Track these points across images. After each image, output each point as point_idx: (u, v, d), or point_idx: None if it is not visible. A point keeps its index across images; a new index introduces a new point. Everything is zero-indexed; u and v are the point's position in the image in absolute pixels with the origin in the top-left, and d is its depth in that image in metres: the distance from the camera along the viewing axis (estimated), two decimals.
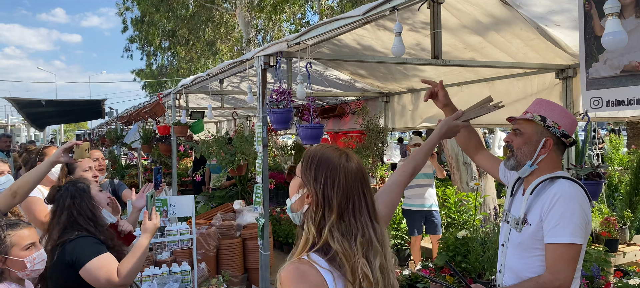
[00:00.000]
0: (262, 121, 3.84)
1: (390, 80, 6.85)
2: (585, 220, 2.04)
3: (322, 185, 1.60)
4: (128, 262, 2.69)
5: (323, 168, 1.62)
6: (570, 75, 4.90)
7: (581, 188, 2.11)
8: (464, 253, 3.57)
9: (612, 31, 1.90)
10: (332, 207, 1.58)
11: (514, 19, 4.37)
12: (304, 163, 1.66)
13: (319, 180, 1.60)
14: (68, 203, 2.73)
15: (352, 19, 2.82)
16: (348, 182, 1.61)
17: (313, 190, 1.60)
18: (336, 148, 1.69)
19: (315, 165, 1.63)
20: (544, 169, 2.24)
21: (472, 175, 7.80)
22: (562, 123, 2.26)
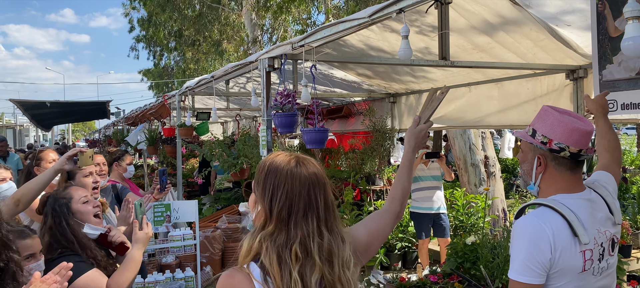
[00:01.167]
0: (266, 124, 3.77)
1: (397, 81, 6.77)
2: (538, 257, 1.78)
3: (269, 196, 1.57)
4: (119, 276, 2.61)
5: (270, 178, 1.59)
6: (581, 76, 4.80)
7: (553, 218, 1.84)
8: (473, 260, 3.48)
9: (633, 36, 1.81)
10: (272, 216, 1.55)
11: (524, 19, 4.28)
12: (256, 176, 1.64)
13: (267, 192, 1.58)
14: (50, 223, 2.65)
15: (357, 21, 2.75)
16: (294, 189, 1.56)
17: (262, 202, 1.58)
18: (287, 155, 1.65)
19: (264, 177, 1.60)
20: (545, 190, 2.00)
21: (480, 176, 7.70)
22: (554, 135, 1.95)
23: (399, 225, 6.74)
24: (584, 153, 1.93)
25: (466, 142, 7.85)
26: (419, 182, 6.01)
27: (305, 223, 1.54)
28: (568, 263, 1.80)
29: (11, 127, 36.77)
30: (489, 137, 8.21)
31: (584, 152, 1.93)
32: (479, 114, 6.14)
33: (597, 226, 1.91)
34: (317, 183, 1.59)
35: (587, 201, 1.95)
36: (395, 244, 6.60)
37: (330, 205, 1.61)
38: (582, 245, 1.81)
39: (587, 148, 1.94)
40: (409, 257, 6.75)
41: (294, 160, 1.61)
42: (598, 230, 1.91)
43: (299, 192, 1.55)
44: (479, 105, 6.09)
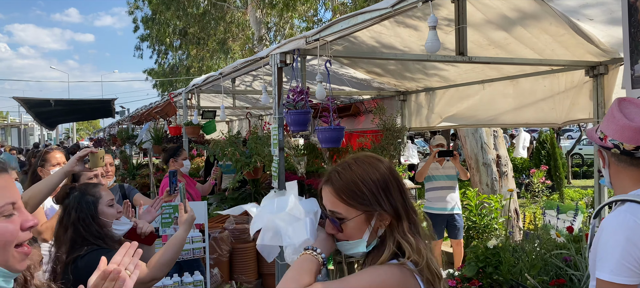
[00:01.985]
0: (278, 122, 3.63)
1: (408, 78, 6.61)
2: (636, 255, 1.70)
3: (386, 199, 1.53)
4: (160, 253, 2.59)
5: (380, 184, 1.54)
6: (602, 72, 4.64)
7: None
8: (495, 264, 3.34)
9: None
10: (400, 214, 1.54)
11: (543, 13, 4.12)
12: (357, 194, 1.54)
13: (382, 199, 1.53)
14: (74, 218, 2.55)
15: (379, 11, 2.60)
16: (399, 182, 1.59)
17: (387, 209, 1.53)
18: (365, 157, 1.61)
19: (371, 187, 1.54)
20: (616, 186, 1.95)
21: (492, 176, 7.54)
22: (609, 131, 1.89)
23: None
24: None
25: (478, 141, 7.69)
26: (433, 181, 5.85)
27: (413, 209, 1.59)
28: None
29: (16, 126, 36.78)
30: (500, 135, 8.05)
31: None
32: (492, 112, 5.98)
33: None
34: (389, 164, 1.64)
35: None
36: None
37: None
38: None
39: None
40: None
41: (374, 159, 1.60)
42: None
43: (400, 181, 1.59)
44: (493, 103, 5.93)
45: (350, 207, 1.53)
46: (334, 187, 1.55)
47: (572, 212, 4.51)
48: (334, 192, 1.55)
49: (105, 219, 2.62)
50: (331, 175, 1.57)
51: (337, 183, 1.54)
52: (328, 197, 1.56)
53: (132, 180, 10.43)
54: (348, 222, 1.53)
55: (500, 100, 5.84)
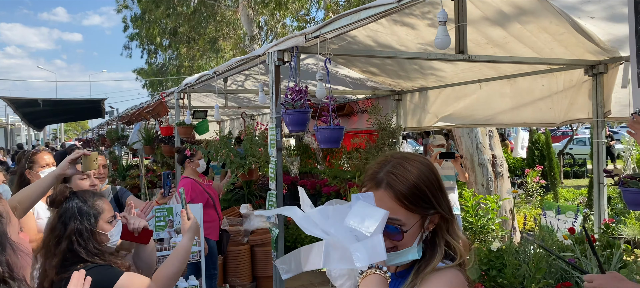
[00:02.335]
0: (275, 122, 3.54)
1: (404, 78, 6.54)
2: None
3: (444, 200, 1.46)
4: (166, 266, 2.41)
5: (437, 184, 1.46)
6: (601, 71, 4.60)
7: None
8: (499, 267, 3.27)
9: None
10: (446, 214, 1.46)
11: (543, 10, 4.06)
12: (420, 197, 1.42)
13: (442, 198, 1.46)
14: (70, 230, 2.31)
15: (383, 7, 2.51)
16: (439, 178, 1.49)
17: (444, 209, 1.45)
18: (408, 155, 1.49)
19: (432, 188, 1.44)
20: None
21: (488, 176, 7.50)
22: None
23: None
24: None
25: (473, 141, 7.65)
26: None
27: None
28: None
29: (2, 127, 36.23)
30: (496, 135, 8.02)
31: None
32: (490, 111, 5.92)
33: None
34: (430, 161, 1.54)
35: None
36: None
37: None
38: None
39: None
40: None
41: (411, 157, 1.48)
42: None
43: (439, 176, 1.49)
44: (490, 102, 5.87)
45: (411, 213, 1.40)
46: (394, 191, 1.39)
47: (572, 212, 4.47)
48: (394, 196, 1.38)
49: (104, 235, 2.40)
50: (387, 178, 1.40)
51: (398, 186, 1.39)
52: (386, 203, 1.38)
53: (122, 182, 10.27)
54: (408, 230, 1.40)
55: (498, 100, 5.78)
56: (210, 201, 5.12)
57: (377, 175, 1.42)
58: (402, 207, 1.38)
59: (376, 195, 1.38)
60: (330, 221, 1.31)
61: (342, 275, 1.43)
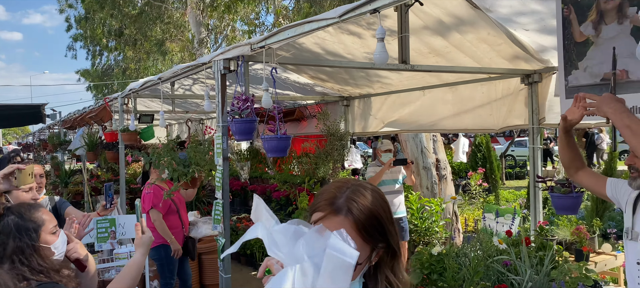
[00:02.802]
0: (222, 131, 3.53)
1: (352, 84, 6.66)
2: None
3: (395, 234, 1.37)
4: (117, 281, 2.28)
5: (390, 215, 1.38)
6: (536, 80, 4.84)
7: None
8: (440, 271, 3.39)
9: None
10: (394, 248, 1.37)
11: (481, 21, 4.24)
12: (376, 228, 1.33)
13: (393, 231, 1.37)
14: (11, 250, 2.13)
15: (326, 21, 2.57)
16: (390, 209, 1.42)
17: (394, 242, 1.36)
18: (362, 183, 1.40)
19: (387, 219, 1.36)
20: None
21: (432, 179, 7.72)
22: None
23: None
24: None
25: (418, 146, 7.86)
26: (381, 185, 5.91)
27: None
28: None
29: None
30: (440, 140, 8.26)
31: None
32: (433, 117, 6.11)
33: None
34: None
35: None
36: None
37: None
38: None
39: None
40: None
41: (366, 185, 1.39)
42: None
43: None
44: (434, 109, 6.06)
45: (366, 244, 1.31)
46: (354, 219, 1.29)
47: (510, 215, 4.68)
48: (354, 225, 1.29)
49: (48, 249, 2.22)
50: (348, 204, 1.30)
51: (358, 214, 1.29)
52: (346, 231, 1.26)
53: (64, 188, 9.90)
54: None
55: (441, 106, 5.97)
56: (174, 207, 5.06)
57: (337, 201, 1.32)
58: (359, 237, 1.29)
59: (335, 222, 1.29)
60: (297, 249, 1.19)
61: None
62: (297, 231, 1.21)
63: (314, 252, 1.16)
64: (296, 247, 1.18)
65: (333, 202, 1.31)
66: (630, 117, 2.04)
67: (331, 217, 1.30)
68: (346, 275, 1.15)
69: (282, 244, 1.19)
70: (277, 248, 1.19)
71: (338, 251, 1.15)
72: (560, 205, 2.97)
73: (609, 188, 2.49)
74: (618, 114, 2.02)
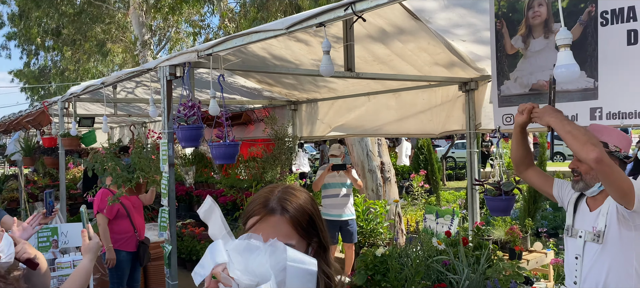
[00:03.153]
0: (168, 137, 3.52)
1: (299, 89, 6.75)
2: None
3: (322, 229, 1.44)
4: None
5: (319, 213, 1.45)
6: (473, 88, 5.09)
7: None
8: (383, 272, 3.53)
9: (565, 63, 1.89)
10: (325, 244, 1.44)
11: (420, 31, 4.44)
12: (310, 224, 1.40)
13: (322, 227, 1.44)
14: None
15: (273, 32, 2.64)
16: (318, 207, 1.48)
17: (324, 238, 1.44)
18: (292, 185, 1.48)
19: (317, 215, 1.43)
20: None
21: (377, 182, 7.92)
22: (622, 145, 2.40)
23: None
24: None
25: (364, 149, 8.04)
26: (329, 189, 6.02)
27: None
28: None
29: None
30: (384, 144, 8.49)
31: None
32: (378, 122, 6.30)
33: None
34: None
35: None
36: None
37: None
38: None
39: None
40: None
41: (295, 186, 1.48)
42: None
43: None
44: (378, 114, 6.24)
45: (302, 239, 1.37)
46: (290, 216, 1.36)
47: (449, 216, 4.90)
48: (290, 221, 1.35)
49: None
50: (282, 203, 1.37)
51: (293, 211, 1.36)
52: (282, 228, 1.35)
53: None
54: None
55: (384, 112, 6.17)
56: (123, 211, 4.92)
57: (270, 202, 1.38)
58: (296, 233, 1.36)
59: (272, 222, 1.34)
60: (251, 265, 1.20)
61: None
62: (249, 246, 1.22)
63: (274, 269, 1.18)
64: (251, 263, 1.19)
65: (267, 204, 1.37)
66: (571, 124, 2.23)
67: (267, 218, 1.35)
68: (311, 283, 1.19)
69: (237, 262, 1.20)
70: (231, 261, 1.20)
71: (299, 262, 1.19)
72: (494, 208, 3.16)
73: (555, 188, 2.69)
74: (560, 123, 2.20)
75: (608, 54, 2.82)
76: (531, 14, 3.13)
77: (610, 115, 2.86)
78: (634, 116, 2.79)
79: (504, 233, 4.48)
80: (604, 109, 2.87)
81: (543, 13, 3.07)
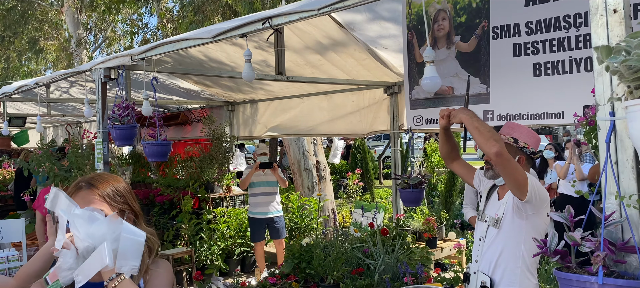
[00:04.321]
0: (102, 136, 3.68)
1: (236, 90, 6.96)
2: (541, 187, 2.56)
3: (132, 200, 1.80)
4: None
5: (125, 187, 1.82)
6: (396, 91, 5.50)
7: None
8: (308, 260, 3.82)
9: (430, 76, 2.24)
10: (137, 211, 1.81)
11: (349, 41, 4.81)
12: (117, 196, 1.77)
13: (129, 198, 1.81)
14: None
15: (201, 40, 2.88)
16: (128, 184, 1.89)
17: (132, 206, 1.79)
18: (104, 172, 1.86)
19: (114, 188, 1.78)
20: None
21: (312, 180, 8.25)
22: (530, 142, 2.68)
23: (238, 230, 6.91)
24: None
25: (300, 148, 8.35)
26: (255, 188, 6.22)
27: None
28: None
29: None
30: (319, 143, 8.83)
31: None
32: (311, 123, 6.62)
33: None
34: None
35: None
36: (234, 250, 6.76)
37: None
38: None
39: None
40: (248, 262, 6.97)
41: (103, 173, 1.92)
42: None
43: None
44: (311, 115, 6.57)
45: (111, 207, 1.73)
46: (96, 188, 1.72)
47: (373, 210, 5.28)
48: (97, 193, 1.72)
49: None
50: (90, 181, 1.75)
51: (98, 185, 1.73)
52: (89, 198, 1.70)
53: None
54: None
55: (317, 113, 6.50)
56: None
57: (80, 183, 1.76)
58: (104, 202, 1.71)
59: (80, 195, 1.71)
60: (92, 230, 1.53)
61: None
62: (92, 216, 1.55)
63: (111, 236, 1.52)
64: (92, 229, 1.52)
65: (77, 185, 1.75)
66: (479, 122, 2.52)
67: (78, 193, 1.72)
68: (138, 251, 1.54)
69: (80, 225, 1.52)
70: (75, 229, 1.53)
71: (131, 233, 1.54)
72: (406, 199, 3.54)
73: (476, 178, 3.00)
74: (469, 120, 2.49)
75: (498, 64, 3.26)
76: (436, 27, 3.52)
77: (500, 117, 3.29)
78: (519, 118, 3.23)
79: (421, 224, 4.91)
80: (495, 111, 3.31)
81: (446, 26, 3.47)
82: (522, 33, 3.13)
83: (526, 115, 3.18)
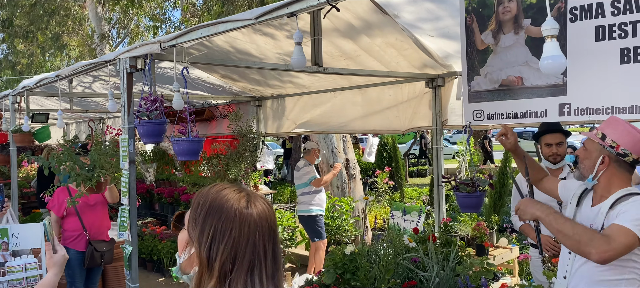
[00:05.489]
0: (128, 133, 3.35)
1: (263, 85, 6.62)
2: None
3: (208, 241, 1.28)
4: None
5: (213, 218, 1.29)
6: (439, 84, 5.09)
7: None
8: (353, 270, 3.47)
9: (552, 54, 1.85)
10: (212, 270, 1.27)
11: (388, 26, 4.39)
12: (193, 212, 1.33)
13: (207, 236, 1.28)
14: None
15: (242, 22, 2.52)
16: (242, 236, 1.29)
17: (198, 247, 1.29)
18: (235, 190, 1.35)
19: (204, 215, 1.30)
20: (606, 184, 2.36)
21: (342, 179, 7.89)
22: (622, 141, 2.32)
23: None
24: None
25: (329, 146, 7.99)
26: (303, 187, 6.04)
27: (251, 281, 1.27)
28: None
29: None
30: (349, 140, 8.46)
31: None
32: (343, 119, 6.24)
33: None
34: (269, 230, 1.32)
35: None
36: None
37: (278, 258, 1.35)
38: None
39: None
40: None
41: (244, 198, 1.32)
42: None
43: (247, 242, 1.28)
44: (344, 110, 6.19)
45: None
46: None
47: (416, 212, 4.89)
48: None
49: None
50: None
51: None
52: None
53: None
54: None
55: (350, 108, 6.12)
56: (72, 210, 4.77)
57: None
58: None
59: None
60: None
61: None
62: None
63: None
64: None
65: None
66: (555, 215, 2.31)
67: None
68: None
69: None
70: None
71: None
72: (464, 204, 3.15)
73: (560, 190, 2.74)
74: (545, 219, 2.31)
75: (577, 50, 2.84)
76: (501, 10, 3.12)
77: (578, 111, 2.88)
78: (601, 112, 2.81)
79: (471, 229, 4.50)
80: (573, 104, 2.89)
81: (513, 8, 3.06)
82: (607, 14, 2.70)
83: (610, 109, 2.76)
